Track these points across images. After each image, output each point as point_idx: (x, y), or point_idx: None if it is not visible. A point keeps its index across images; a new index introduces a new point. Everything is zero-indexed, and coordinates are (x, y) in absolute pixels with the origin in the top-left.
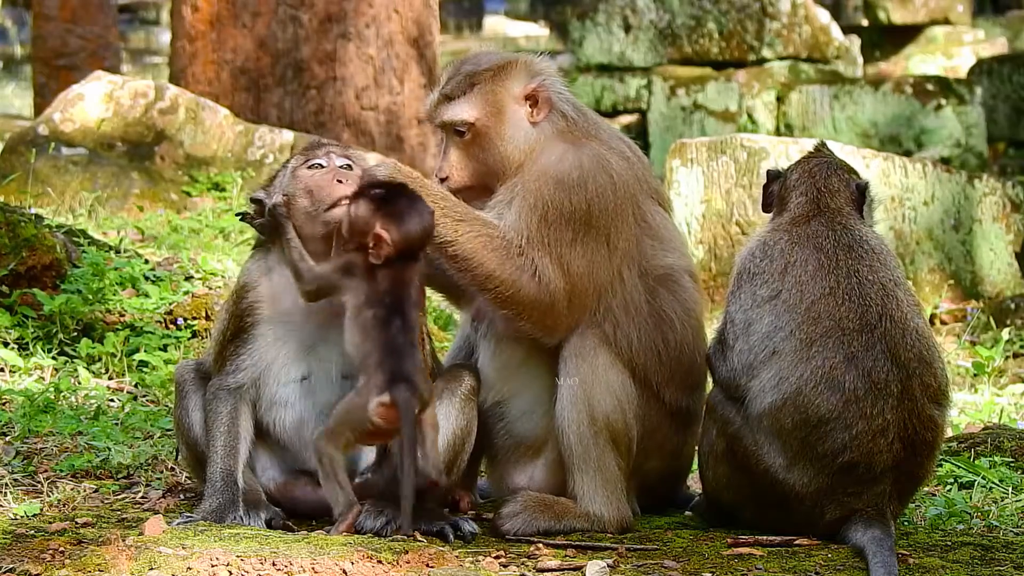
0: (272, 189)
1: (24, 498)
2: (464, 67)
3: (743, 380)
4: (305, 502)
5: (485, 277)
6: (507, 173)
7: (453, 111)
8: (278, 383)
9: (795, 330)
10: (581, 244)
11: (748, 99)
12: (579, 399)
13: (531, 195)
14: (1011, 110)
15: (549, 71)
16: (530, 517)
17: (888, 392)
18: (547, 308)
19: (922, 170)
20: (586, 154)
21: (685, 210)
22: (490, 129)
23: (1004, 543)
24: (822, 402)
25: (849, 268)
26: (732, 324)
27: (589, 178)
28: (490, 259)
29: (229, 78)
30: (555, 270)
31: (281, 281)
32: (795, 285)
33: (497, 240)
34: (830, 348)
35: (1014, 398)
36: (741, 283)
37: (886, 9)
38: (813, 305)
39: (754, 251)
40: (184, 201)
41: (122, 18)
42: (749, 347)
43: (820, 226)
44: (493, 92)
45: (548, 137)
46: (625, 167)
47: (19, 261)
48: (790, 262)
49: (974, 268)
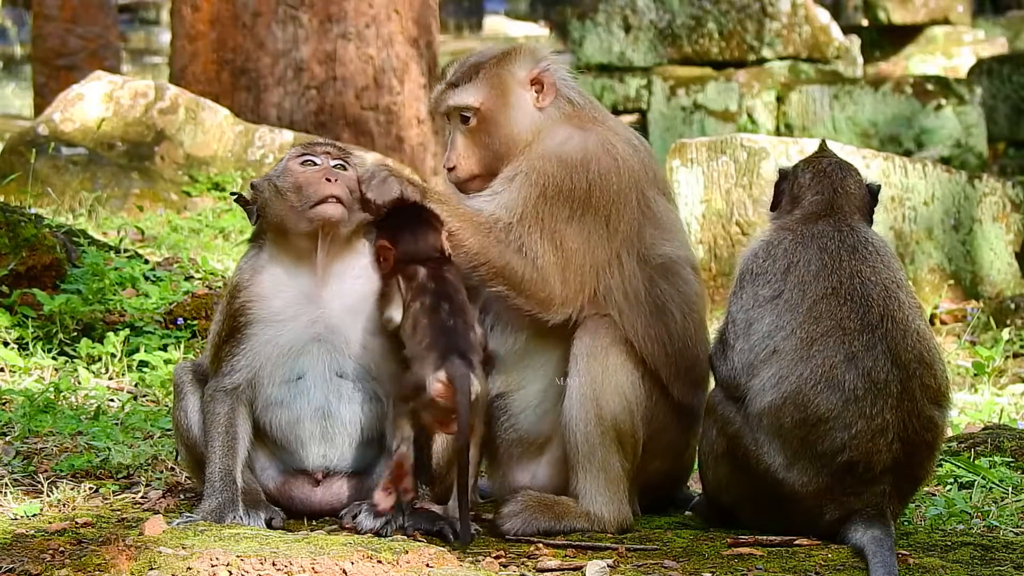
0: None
1: (24, 498)
2: (470, 59)
3: (743, 380)
4: (304, 502)
5: (473, 254)
6: (513, 158)
7: (458, 96)
8: (273, 383)
9: (796, 329)
10: (578, 222)
11: (748, 99)
12: (588, 398)
13: (533, 172)
14: (1011, 110)
15: (554, 57)
16: (530, 517)
17: (888, 392)
18: (539, 283)
19: (922, 170)
20: (592, 137)
21: (685, 210)
22: (495, 113)
23: (1004, 543)
24: (822, 401)
25: (852, 269)
26: (733, 324)
27: (593, 159)
28: (474, 236)
29: (229, 78)
30: (545, 244)
31: (273, 280)
32: (797, 285)
33: (482, 217)
34: (831, 348)
35: (1014, 398)
36: (743, 283)
37: (886, 9)
38: (815, 305)
39: (757, 251)
40: (184, 201)
41: (122, 18)
42: (750, 347)
43: (827, 226)
44: (498, 76)
45: (554, 121)
46: (631, 153)
47: (19, 261)
48: (793, 262)
49: (974, 268)
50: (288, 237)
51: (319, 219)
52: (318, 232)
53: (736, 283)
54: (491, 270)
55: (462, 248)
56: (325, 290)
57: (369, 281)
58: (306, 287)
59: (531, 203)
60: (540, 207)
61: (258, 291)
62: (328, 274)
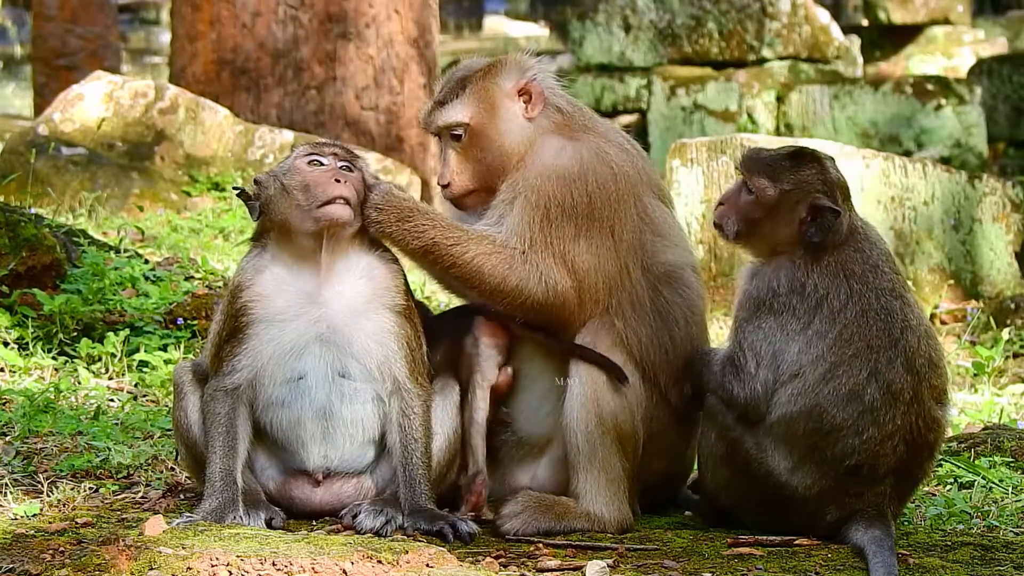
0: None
1: (24, 498)
2: (456, 74)
3: (764, 406)
4: (304, 502)
5: (492, 290)
6: (507, 171)
7: (447, 114)
8: (274, 383)
9: (825, 353)
10: (585, 238)
11: (748, 99)
12: (589, 399)
13: (532, 193)
14: (1011, 110)
15: (540, 67)
16: (530, 517)
17: (901, 399)
18: (559, 308)
19: (922, 170)
20: (585, 147)
21: (685, 210)
22: (486, 127)
23: (1004, 543)
24: (839, 412)
25: (877, 288)
26: (754, 352)
27: (589, 170)
28: (494, 273)
29: (229, 78)
30: (560, 270)
31: (275, 279)
32: (828, 316)
33: (498, 252)
34: (856, 366)
35: (1014, 398)
36: (761, 313)
37: (886, 9)
38: (844, 329)
39: (777, 285)
40: (184, 201)
41: (122, 18)
42: (776, 377)
43: (851, 251)
44: (485, 90)
45: (545, 132)
46: (625, 159)
47: (19, 261)
48: (823, 296)
49: (974, 268)
50: (291, 236)
51: (326, 219)
52: (323, 232)
53: (750, 310)
54: (512, 302)
55: (484, 284)
56: (328, 290)
57: (372, 281)
58: (309, 286)
59: (536, 227)
60: (546, 230)
61: (260, 290)
62: (331, 274)
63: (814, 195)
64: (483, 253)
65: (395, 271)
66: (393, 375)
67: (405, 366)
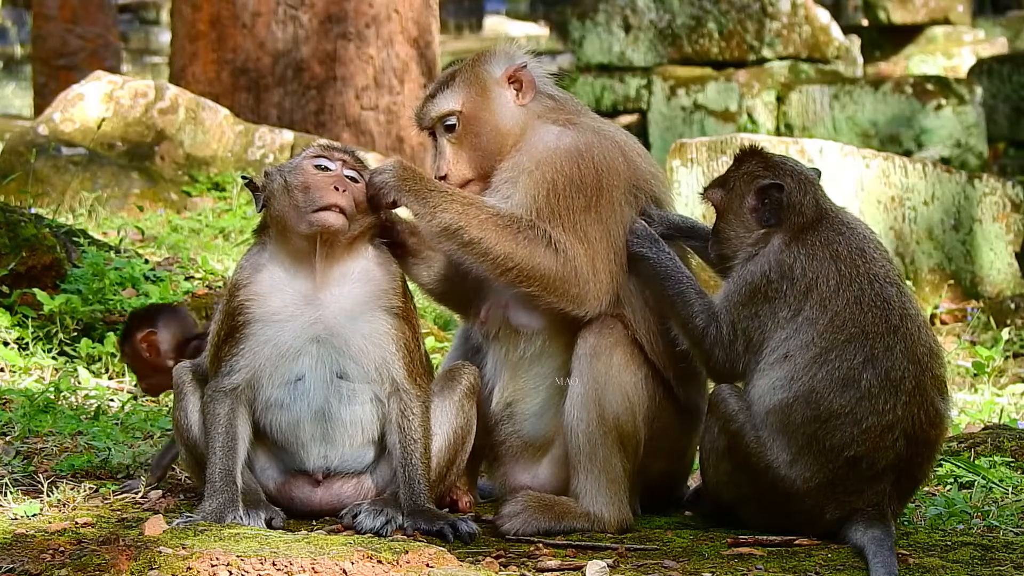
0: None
1: (24, 498)
2: (446, 71)
3: (738, 371)
4: (304, 502)
5: (502, 257)
6: (504, 155)
7: (438, 104)
8: (272, 384)
9: (816, 339)
10: (595, 209)
11: (748, 99)
12: (591, 398)
13: (538, 169)
14: (1011, 110)
15: (529, 56)
16: (530, 517)
17: (902, 388)
18: (570, 277)
19: (922, 170)
20: (584, 130)
21: (685, 210)
22: (478, 113)
23: (1004, 543)
24: (835, 398)
25: (869, 274)
26: (745, 336)
27: (595, 146)
28: (502, 238)
29: (229, 78)
30: (570, 237)
31: (272, 279)
32: (819, 302)
33: (506, 218)
34: (850, 351)
35: (1014, 398)
36: (755, 300)
37: (886, 9)
38: (836, 316)
39: (767, 270)
40: (184, 201)
41: (122, 18)
42: (757, 360)
43: (830, 231)
44: (475, 76)
45: (538, 118)
46: (625, 138)
47: (19, 261)
48: (812, 281)
49: (974, 268)
50: (288, 235)
51: (318, 224)
52: (316, 236)
53: (746, 295)
54: (522, 272)
55: (489, 255)
56: (324, 292)
57: (369, 283)
58: (304, 288)
59: (543, 198)
60: (554, 201)
61: (257, 289)
62: (327, 277)
63: (756, 180)
64: (492, 217)
65: (393, 274)
66: (391, 376)
67: (403, 368)
